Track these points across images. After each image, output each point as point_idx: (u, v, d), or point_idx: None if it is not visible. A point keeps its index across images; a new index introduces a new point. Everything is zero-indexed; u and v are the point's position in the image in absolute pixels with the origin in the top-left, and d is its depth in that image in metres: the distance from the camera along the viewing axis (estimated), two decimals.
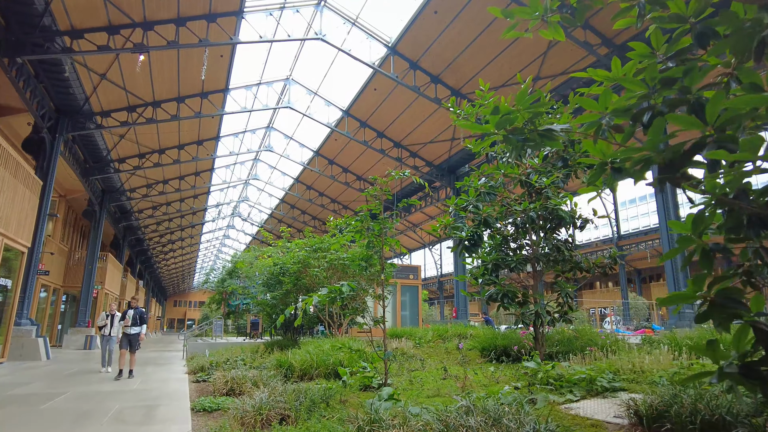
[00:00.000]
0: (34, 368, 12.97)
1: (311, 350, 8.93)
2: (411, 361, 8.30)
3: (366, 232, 6.93)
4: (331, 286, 5.77)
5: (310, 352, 8.50)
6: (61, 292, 27.46)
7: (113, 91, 19.12)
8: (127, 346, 11.10)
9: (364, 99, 23.00)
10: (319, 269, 12.78)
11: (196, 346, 17.95)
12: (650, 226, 38.38)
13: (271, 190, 38.65)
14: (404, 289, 21.90)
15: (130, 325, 11.23)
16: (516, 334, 9.10)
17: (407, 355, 9.24)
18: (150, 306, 62.33)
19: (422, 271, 47.09)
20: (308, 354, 8.45)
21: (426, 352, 10.23)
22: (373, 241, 6.82)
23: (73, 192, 26.99)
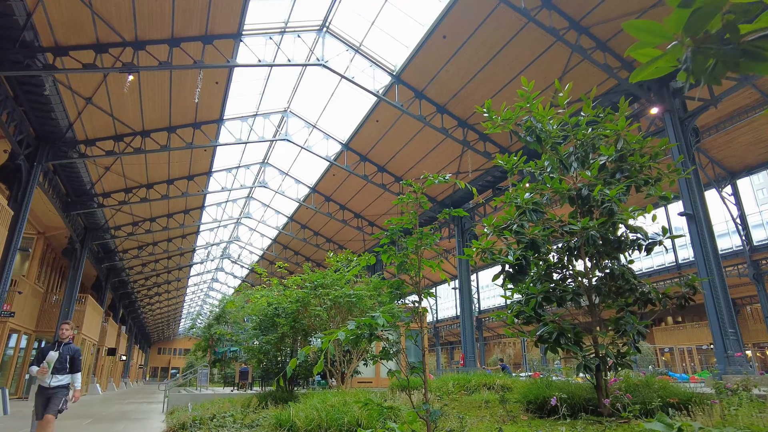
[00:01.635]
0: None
1: (317, 405, 7.27)
2: (445, 418, 6.68)
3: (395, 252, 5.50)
4: (360, 320, 4.30)
5: (317, 408, 6.84)
6: (33, 338, 25.21)
7: (99, 118, 17.92)
8: (44, 410, 6.91)
9: (364, 132, 22.03)
10: (322, 308, 11.19)
11: (179, 397, 15.94)
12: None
13: (264, 230, 37.17)
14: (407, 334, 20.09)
15: (51, 373, 6.94)
16: (569, 384, 7.53)
17: None
18: (133, 353, 59.10)
19: (429, 313, 44.83)
20: (315, 410, 6.79)
21: (454, 406, 8.57)
22: (406, 262, 5.38)
23: (52, 228, 25.32)
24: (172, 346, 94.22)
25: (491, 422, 6.68)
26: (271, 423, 7.18)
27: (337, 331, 4.04)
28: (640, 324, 6.53)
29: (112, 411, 16.32)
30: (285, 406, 11.33)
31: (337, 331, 4.05)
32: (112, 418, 13.41)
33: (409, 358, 20.26)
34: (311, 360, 15.06)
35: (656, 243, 6.57)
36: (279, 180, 28.25)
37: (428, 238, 5.26)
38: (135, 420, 12.85)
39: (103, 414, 14.93)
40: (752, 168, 23.19)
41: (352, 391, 10.68)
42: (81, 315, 27.23)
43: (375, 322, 4.31)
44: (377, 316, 4.38)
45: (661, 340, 40.67)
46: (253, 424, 8.97)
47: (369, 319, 4.31)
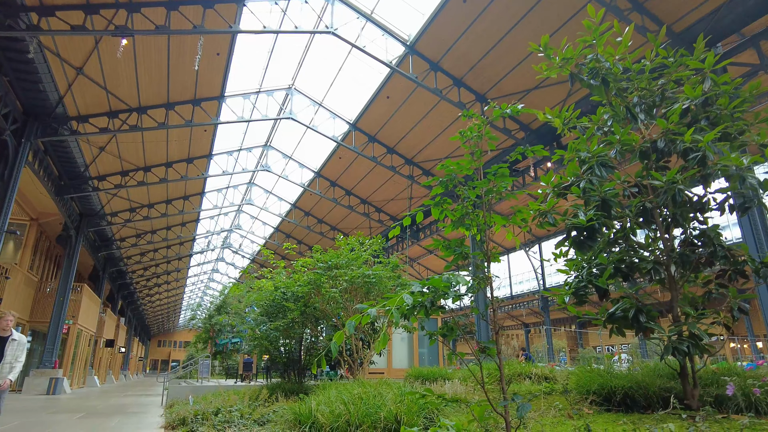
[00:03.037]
0: None
1: (343, 397, 6.13)
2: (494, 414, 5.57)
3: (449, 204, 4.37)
4: (427, 280, 3.17)
5: (343, 400, 5.71)
6: (27, 328, 24.13)
7: (92, 92, 16.70)
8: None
9: (374, 110, 20.80)
10: (337, 290, 10.04)
11: (179, 390, 14.86)
12: None
13: (266, 217, 35.99)
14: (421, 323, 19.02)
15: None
16: (633, 373, 6.41)
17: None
18: (132, 345, 58.13)
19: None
20: (341, 403, 5.66)
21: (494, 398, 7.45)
22: (468, 215, 4.23)
23: (46, 215, 24.21)
24: (172, 338, 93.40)
25: (557, 417, 5.57)
26: (288, 419, 6.06)
27: (398, 296, 2.90)
28: (741, 299, 5.38)
29: (108, 404, 15.25)
30: (297, 399, 10.22)
31: (397, 296, 2.90)
32: (106, 412, 12.32)
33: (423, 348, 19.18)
34: (321, 349, 13.97)
35: (754, 202, 5.40)
36: (282, 164, 27.07)
37: (503, 179, 4.09)
38: (131, 414, 11.76)
39: (98, 407, 13.84)
40: None
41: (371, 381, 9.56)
42: (77, 305, 26.15)
43: (446, 283, 3.17)
44: (447, 276, 3.24)
45: None
46: (263, 419, 7.86)
47: (437, 281, 3.16)
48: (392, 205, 28.20)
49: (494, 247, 4.14)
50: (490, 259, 4.03)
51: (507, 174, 3.97)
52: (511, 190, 5.00)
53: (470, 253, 4.20)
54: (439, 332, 3.91)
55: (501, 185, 4.04)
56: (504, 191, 4.08)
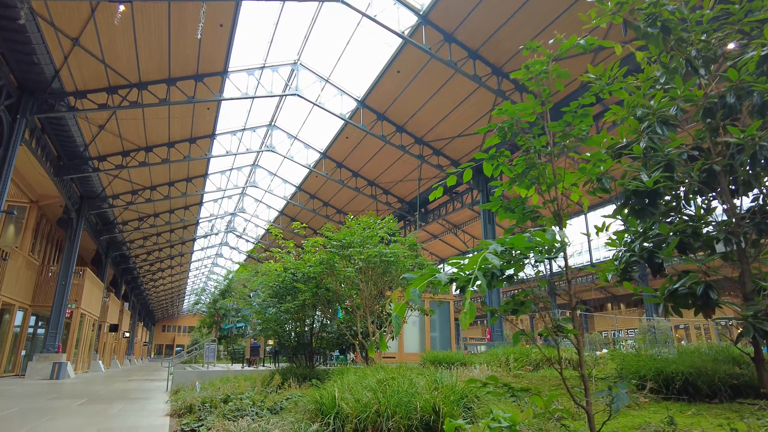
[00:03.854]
0: None
1: (368, 383, 5.49)
2: None
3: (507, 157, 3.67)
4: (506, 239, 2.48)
5: (372, 388, 5.08)
6: (29, 313, 23.69)
7: (90, 65, 15.93)
8: None
9: (383, 86, 19.97)
10: (352, 269, 9.39)
11: (184, 375, 14.37)
12: None
13: (270, 200, 35.34)
14: (432, 306, 18.49)
15: None
16: (700, 357, 5.76)
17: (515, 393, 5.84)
18: (137, 330, 57.99)
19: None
20: (370, 390, 5.02)
21: (524, 383, 6.83)
22: (535, 168, 3.53)
23: (46, 197, 23.58)
24: (177, 323, 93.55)
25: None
26: (309, 409, 5.43)
27: (479, 255, 2.21)
28: None
29: (112, 389, 14.76)
30: (310, 385, 9.65)
31: (478, 255, 2.21)
32: (109, 398, 11.80)
33: (435, 332, 18.62)
34: (334, 332, 13.40)
35: None
36: (287, 144, 26.30)
37: (583, 119, 3.38)
38: (134, 400, 11.23)
39: (101, 393, 13.34)
40: None
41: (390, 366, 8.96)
42: (79, 289, 25.63)
43: (529, 243, 2.47)
44: (530, 236, 2.53)
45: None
46: (276, 407, 7.26)
47: (520, 238, 2.45)
48: (400, 187, 27.49)
49: (569, 204, 3.44)
50: (562, 219, 3.33)
51: (590, 113, 3.24)
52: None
53: (540, 215, 3.50)
54: (505, 308, 3.23)
55: (580, 127, 3.31)
56: (584, 135, 3.36)
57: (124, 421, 7.72)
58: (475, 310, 1.90)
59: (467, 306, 1.87)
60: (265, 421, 5.40)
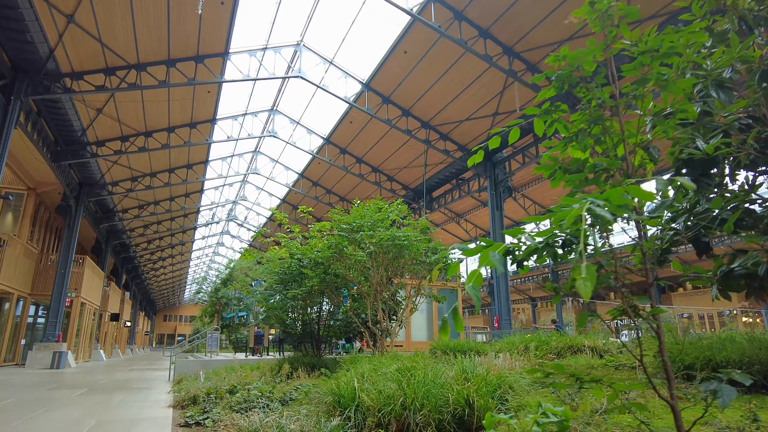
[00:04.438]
0: None
1: (388, 372, 5.04)
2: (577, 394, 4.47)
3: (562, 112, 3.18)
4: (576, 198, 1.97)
5: (397, 378, 4.62)
6: (28, 301, 23.29)
7: (85, 44, 15.35)
8: None
9: (389, 67, 19.36)
10: (363, 253, 8.92)
11: (187, 364, 13.98)
12: None
13: (272, 188, 34.81)
14: (440, 294, 18.08)
15: None
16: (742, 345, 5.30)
17: (540, 383, 5.39)
18: (138, 320, 57.77)
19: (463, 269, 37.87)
20: (395, 382, 4.57)
21: None
22: (600, 115, 3.02)
23: (44, 184, 23.09)
24: (178, 313, 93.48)
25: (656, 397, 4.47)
26: (325, 401, 4.98)
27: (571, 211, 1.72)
28: None
29: (112, 379, 14.38)
30: (319, 375, 9.24)
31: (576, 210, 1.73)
32: (110, 388, 11.41)
33: None
34: (341, 320, 12.98)
35: None
36: (290, 129, 25.71)
37: (667, 59, 2.88)
38: (135, 390, 10.83)
39: (101, 383, 12.95)
40: None
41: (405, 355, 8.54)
42: (79, 277, 25.22)
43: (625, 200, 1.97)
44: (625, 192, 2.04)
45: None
46: (286, 398, 6.82)
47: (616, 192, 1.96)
48: (405, 174, 26.96)
49: (644, 161, 2.97)
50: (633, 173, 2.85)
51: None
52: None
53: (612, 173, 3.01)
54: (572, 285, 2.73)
55: (660, 70, 2.81)
56: (664, 81, 2.85)
57: (125, 413, 7.30)
58: (594, 274, 1.41)
59: (586, 271, 1.38)
60: (277, 414, 4.97)
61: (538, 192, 35.97)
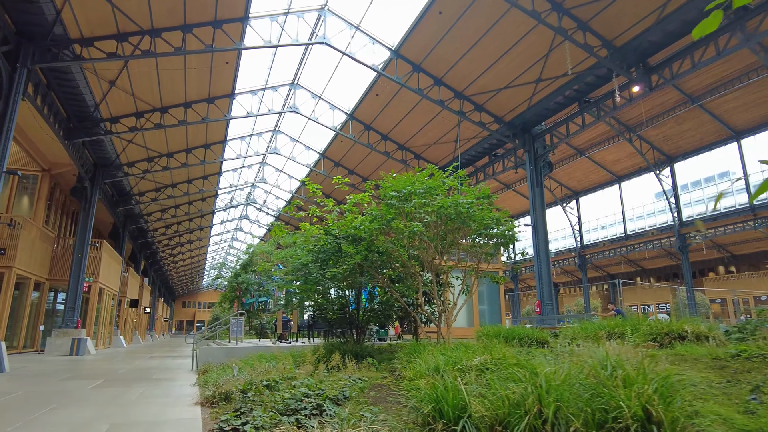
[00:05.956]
0: None
1: (469, 363, 3.68)
2: None
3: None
4: None
5: (515, 377, 3.27)
6: (46, 287, 22.49)
7: (95, 5, 14.05)
8: None
9: (421, 31, 17.76)
10: (420, 224, 7.54)
11: (210, 352, 12.87)
12: None
13: (292, 170, 33.57)
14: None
15: None
16: None
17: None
18: (157, 306, 57.50)
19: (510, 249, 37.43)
20: (529, 384, 3.22)
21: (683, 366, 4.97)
22: None
23: (58, 165, 22.17)
24: (197, 299, 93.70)
25: None
26: (415, 405, 3.65)
27: None
28: None
29: (132, 367, 13.35)
30: (366, 364, 7.96)
31: None
32: (128, 379, 10.31)
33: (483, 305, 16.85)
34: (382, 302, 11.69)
35: None
36: (312, 105, 24.32)
37: None
38: (156, 382, 9.69)
39: (120, 372, 11.89)
40: None
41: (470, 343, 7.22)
42: (96, 262, 24.36)
43: None
44: None
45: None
46: (340, 396, 5.53)
47: None
48: (433, 151, 25.43)
49: None
50: None
51: None
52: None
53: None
54: None
55: None
56: None
57: (144, 412, 6.09)
58: None
59: None
60: (342, 424, 3.67)
61: (565, 173, 34.24)
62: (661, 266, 42.19)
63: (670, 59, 15.55)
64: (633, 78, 15.66)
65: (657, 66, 15.87)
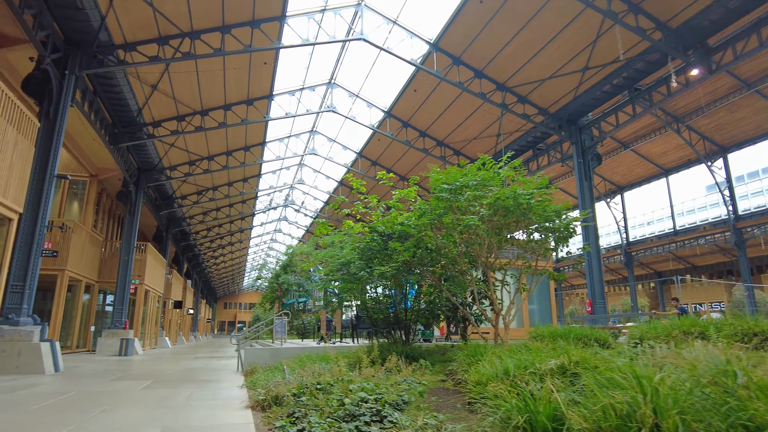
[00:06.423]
0: (12, 391, 7.88)
1: (543, 367, 3.21)
2: None
3: None
4: None
5: (621, 384, 2.81)
6: (96, 289, 23.16)
7: (136, 8, 14.21)
8: None
9: (461, 23, 17.21)
10: (475, 217, 7.08)
11: (255, 352, 12.76)
12: None
13: (329, 170, 33.52)
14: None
15: None
16: None
17: None
18: (200, 307, 58.81)
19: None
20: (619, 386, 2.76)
21: None
22: None
23: (104, 170, 22.79)
24: (238, 300, 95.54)
25: None
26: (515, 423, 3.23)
27: None
28: None
29: (178, 368, 13.39)
30: (419, 367, 7.57)
31: None
32: (176, 380, 10.27)
33: (532, 305, 16.17)
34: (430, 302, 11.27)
35: None
36: (348, 103, 24.10)
37: None
38: (203, 383, 9.57)
39: (167, 373, 11.91)
40: None
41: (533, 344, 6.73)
42: (142, 264, 24.93)
43: None
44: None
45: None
46: (399, 400, 5.17)
47: None
48: (474, 146, 24.80)
49: None
50: None
51: None
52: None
53: None
54: None
55: None
56: None
57: (195, 416, 5.88)
58: None
59: None
60: None
61: (608, 168, 32.76)
62: (713, 263, 39.97)
63: (733, 39, 14.49)
64: (690, 61, 14.65)
65: (717, 47, 14.81)
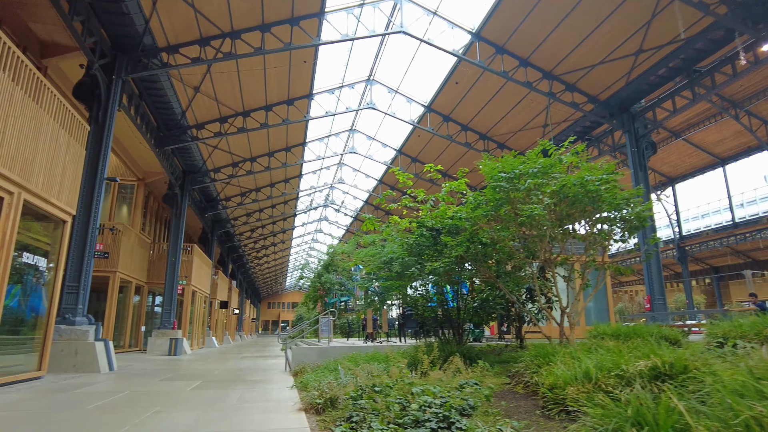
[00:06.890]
0: (70, 389, 7.92)
1: (632, 369, 2.69)
2: None
3: None
4: None
5: None
6: (145, 290, 23.75)
7: (178, 10, 14.32)
8: None
9: (503, 10, 16.48)
10: (539, 206, 6.56)
11: (302, 352, 12.56)
12: None
13: (368, 168, 33.30)
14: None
15: None
16: None
17: None
18: (245, 307, 59.90)
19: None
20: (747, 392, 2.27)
21: None
22: None
23: (151, 174, 23.36)
24: (281, 300, 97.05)
25: None
26: None
27: None
28: None
29: (226, 368, 13.38)
30: (479, 368, 7.11)
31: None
32: (225, 380, 10.16)
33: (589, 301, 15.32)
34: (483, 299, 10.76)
35: None
36: (388, 99, 23.75)
37: None
38: (253, 384, 9.41)
39: (215, 373, 11.88)
40: None
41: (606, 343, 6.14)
42: (188, 266, 25.40)
43: None
44: None
45: None
46: (465, 405, 4.73)
47: None
48: (518, 139, 23.98)
49: None
50: None
51: None
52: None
53: None
54: None
55: None
56: None
57: (248, 420, 5.63)
58: None
59: None
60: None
61: (658, 159, 30.93)
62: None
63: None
64: (761, 35, 13.49)
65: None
